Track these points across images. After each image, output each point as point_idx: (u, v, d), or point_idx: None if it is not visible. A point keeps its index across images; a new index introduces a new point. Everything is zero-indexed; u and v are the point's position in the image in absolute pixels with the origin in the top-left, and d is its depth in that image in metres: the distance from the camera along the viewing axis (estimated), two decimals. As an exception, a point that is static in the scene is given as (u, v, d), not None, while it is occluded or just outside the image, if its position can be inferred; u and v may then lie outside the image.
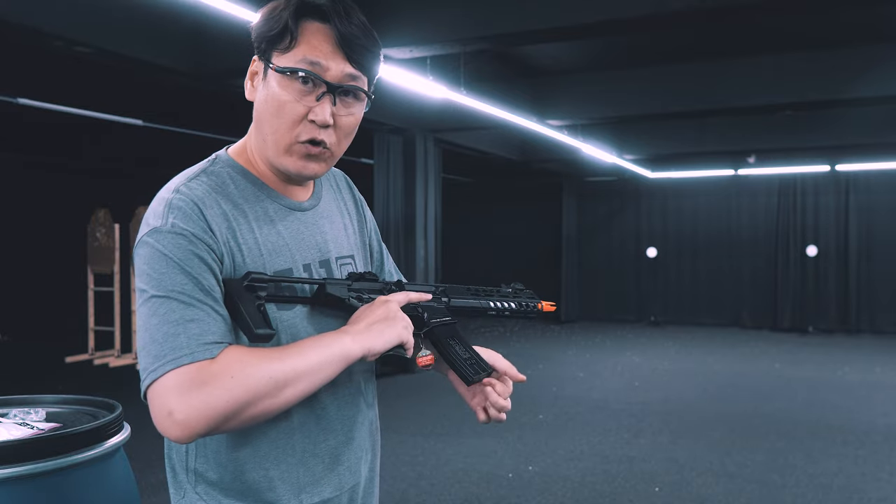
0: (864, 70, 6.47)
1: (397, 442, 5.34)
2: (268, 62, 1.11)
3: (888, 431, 5.66)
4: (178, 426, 0.96)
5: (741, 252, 12.50)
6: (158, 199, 1.09)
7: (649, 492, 4.34)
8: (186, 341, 0.98)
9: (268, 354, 1.02)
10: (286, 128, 1.11)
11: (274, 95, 1.10)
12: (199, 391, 0.96)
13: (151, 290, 1.01)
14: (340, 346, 1.07)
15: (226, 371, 0.98)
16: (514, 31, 4.71)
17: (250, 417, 1.00)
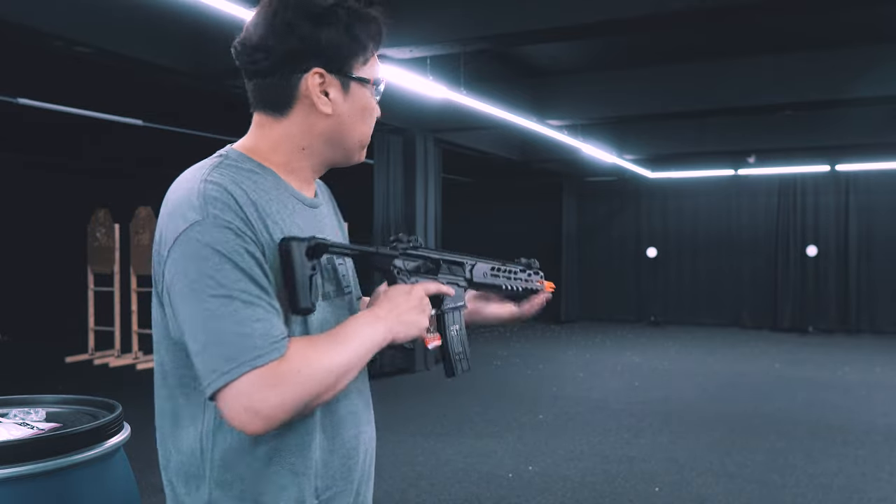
0: (864, 70, 6.47)
1: (397, 442, 5.34)
2: (347, 74, 1.18)
3: (888, 431, 5.66)
4: (263, 421, 1.00)
5: (741, 252, 12.51)
6: (188, 189, 1.08)
7: (649, 492, 4.34)
8: (257, 342, 1.00)
9: (324, 348, 1.07)
10: (368, 129, 1.23)
11: (366, 104, 1.21)
12: (276, 390, 1.00)
13: (209, 290, 1.01)
14: (378, 335, 1.13)
15: (296, 369, 1.02)
16: (514, 31, 4.71)
17: (316, 406, 1.08)
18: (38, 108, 6.35)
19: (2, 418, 1.80)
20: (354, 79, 1.18)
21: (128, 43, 4.70)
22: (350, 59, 1.17)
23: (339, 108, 1.18)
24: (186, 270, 1.03)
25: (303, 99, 1.17)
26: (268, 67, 1.17)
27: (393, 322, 1.15)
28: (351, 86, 1.18)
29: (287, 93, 1.17)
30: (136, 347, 8.66)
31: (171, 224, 1.06)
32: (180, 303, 1.04)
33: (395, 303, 1.18)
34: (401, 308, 1.17)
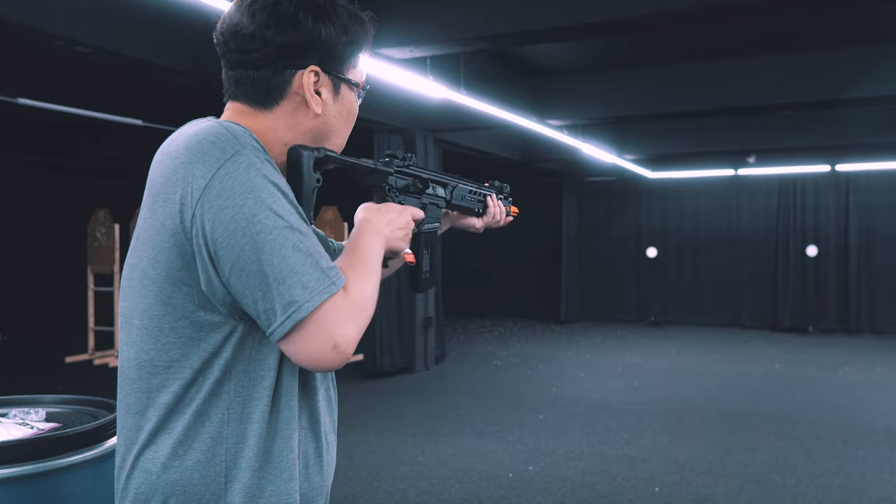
0: (864, 70, 6.47)
1: (397, 442, 5.34)
2: (339, 76, 1.17)
3: (888, 431, 5.66)
4: (341, 354, 0.99)
5: (741, 252, 12.50)
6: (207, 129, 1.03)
7: (649, 492, 4.34)
8: (326, 270, 0.99)
9: (364, 269, 1.08)
10: (349, 133, 1.24)
11: (351, 108, 1.22)
12: (353, 320, 1.00)
13: (270, 222, 0.96)
14: (382, 250, 1.17)
15: (360, 296, 1.03)
16: (514, 31, 4.71)
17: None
18: (38, 108, 6.35)
19: (2, 418, 1.80)
20: (345, 81, 1.18)
21: (128, 43, 4.70)
22: (344, 59, 1.17)
23: (329, 109, 1.17)
24: (239, 203, 0.96)
25: (293, 95, 1.13)
26: (260, 59, 1.11)
27: (388, 236, 1.20)
28: (341, 88, 1.18)
29: (278, 87, 1.12)
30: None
31: (199, 160, 0.99)
32: (236, 241, 0.96)
33: (389, 218, 1.21)
34: (393, 226, 1.21)
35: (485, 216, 1.60)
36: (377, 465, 4.80)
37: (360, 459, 4.92)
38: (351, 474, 4.62)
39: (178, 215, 1.00)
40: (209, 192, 0.97)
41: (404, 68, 5.13)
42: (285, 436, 1.07)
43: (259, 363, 1.04)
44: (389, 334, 8.05)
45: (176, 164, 1.01)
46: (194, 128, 1.05)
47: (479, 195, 1.56)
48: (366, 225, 1.18)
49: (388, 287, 8.05)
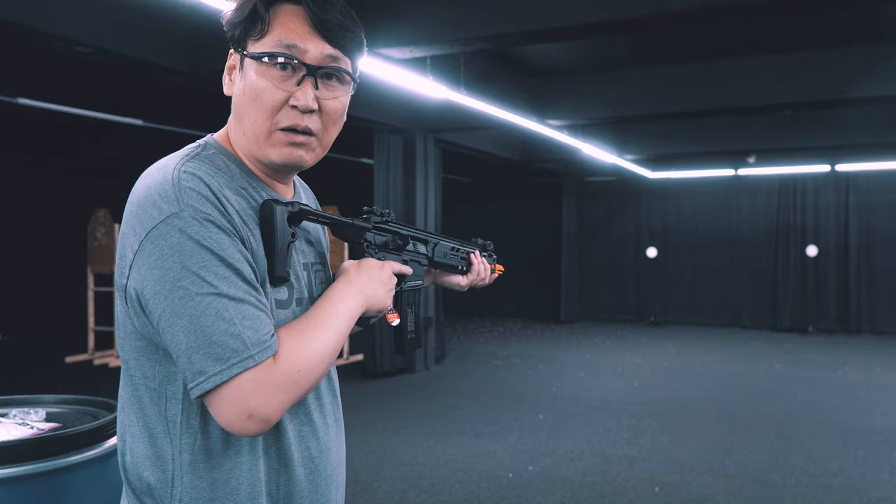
0: (864, 70, 6.47)
1: (397, 442, 5.34)
2: (243, 51, 1.08)
3: (888, 431, 5.66)
4: (260, 423, 0.96)
5: (741, 252, 12.51)
6: (160, 179, 1.00)
7: (649, 492, 4.34)
8: (248, 342, 0.94)
9: (312, 335, 1.03)
10: (265, 115, 1.06)
11: (251, 84, 1.06)
12: (275, 391, 0.96)
13: (194, 288, 0.93)
14: (357, 310, 1.11)
15: (295, 368, 0.98)
16: (514, 31, 4.71)
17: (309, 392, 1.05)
18: (38, 108, 6.35)
19: (2, 418, 1.80)
20: (244, 55, 1.08)
21: (128, 43, 4.70)
22: (245, 33, 1.08)
23: (235, 88, 1.10)
24: (166, 267, 0.95)
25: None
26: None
27: (369, 294, 1.14)
28: (245, 64, 1.08)
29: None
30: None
31: (142, 216, 0.98)
32: (159, 302, 0.95)
33: (369, 275, 1.16)
34: (374, 282, 1.16)
35: (469, 274, 1.53)
36: (377, 465, 4.80)
37: (360, 459, 4.92)
38: (351, 474, 4.62)
39: (119, 263, 1.02)
40: (142, 250, 0.97)
41: (404, 68, 5.13)
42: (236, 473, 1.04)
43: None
44: (389, 334, 8.05)
45: (127, 211, 1.02)
46: (150, 178, 1.02)
47: (461, 252, 1.51)
48: (343, 284, 1.12)
49: (388, 287, 8.04)
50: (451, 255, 1.47)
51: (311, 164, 1.12)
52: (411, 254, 1.33)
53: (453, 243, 1.48)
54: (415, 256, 1.35)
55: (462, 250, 1.51)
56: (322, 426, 1.16)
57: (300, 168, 1.12)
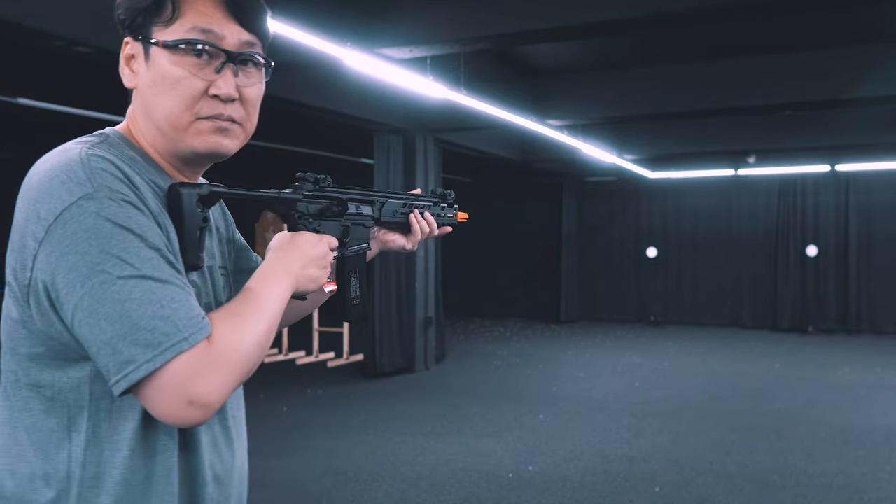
0: (864, 70, 6.47)
1: (397, 442, 5.34)
2: (148, 39, 1.00)
3: (888, 431, 5.66)
4: (202, 409, 0.89)
5: (741, 252, 12.51)
6: (65, 161, 0.92)
7: (649, 492, 4.34)
8: (180, 324, 0.88)
9: (247, 318, 0.97)
10: (183, 106, 1.00)
11: (165, 74, 0.99)
12: (214, 373, 0.90)
13: (116, 271, 0.86)
14: (287, 291, 1.05)
15: (232, 348, 0.93)
16: (514, 31, 4.71)
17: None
18: (38, 108, 6.35)
19: None
20: (152, 43, 0.99)
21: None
22: (148, 19, 1.00)
23: (141, 80, 1.02)
24: (81, 251, 0.87)
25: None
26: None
27: (298, 274, 1.07)
28: (151, 52, 1.00)
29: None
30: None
31: (46, 200, 0.89)
32: (75, 290, 0.87)
33: (301, 252, 1.09)
34: (306, 258, 1.09)
35: (411, 235, 1.41)
36: (377, 465, 4.80)
37: (360, 459, 4.92)
38: (351, 474, 4.62)
39: (17, 256, 0.93)
40: (51, 236, 0.88)
41: (404, 68, 5.13)
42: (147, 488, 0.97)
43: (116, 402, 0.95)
44: (389, 334, 8.05)
45: (25, 199, 0.93)
46: (50, 162, 0.94)
47: (419, 208, 1.43)
48: (271, 264, 1.06)
49: (388, 287, 8.05)
50: (401, 213, 1.38)
51: (234, 151, 1.07)
52: (354, 217, 1.26)
53: (405, 199, 1.39)
54: (358, 220, 1.27)
55: (418, 206, 1.42)
56: (225, 443, 1.11)
57: (224, 156, 1.06)
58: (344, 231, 1.23)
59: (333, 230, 1.20)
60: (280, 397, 6.78)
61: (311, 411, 6.29)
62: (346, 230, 1.24)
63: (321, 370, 8.29)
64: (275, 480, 4.50)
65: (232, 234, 1.26)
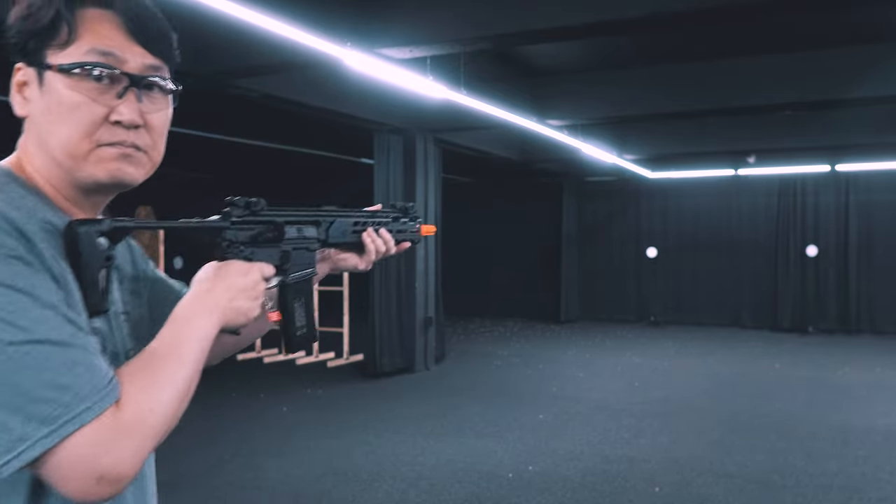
0: (864, 70, 6.47)
1: (397, 442, 5.34)
2: (42, 64, 0.91)
3: (888, 431, 5.66)
4: (113, 485, 0.81)
5: (741, 252, 12.51)
6: None
7: (649, 492, 4.34)
8: (82, 391, 0.79)
9: (162, 370, 0.88)
10: (82, 134, 0.91)
11: (61, 100, 0.90)
12: (125, 443, 0.81)
13: (6, 336, 0.77)
14: (212, 329, 0.96)
15: (146, 410, 0.84)
16: (514, 31, 4.71)
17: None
18: None
19: None
20: (45, 67, 0.91)
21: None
22: (39, 43, 0.91)
23: (34, 107, 0.93)
24: None
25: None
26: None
27: (226, 308, 0.98)
28: (45, 77, 0.91)
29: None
30: (136, 347, 8.67)
31: None
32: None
33: (228, 284, 0.99)
34: (231, 292, 0.99)
35: (365, 255, 1.31)
36: (377, 465, 4.80)
37: (360, 459, 4.92)
38: (351, 474, 4.62)
39: None
40: None
41: (404, 68, 5.13)
42: None
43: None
44: (389, 334, 8.05)
45: None
46: None
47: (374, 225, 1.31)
48: (193, 301, 0.96)
49: (388, 287, 8.05)
50: (353, 231, 1.28)
51: (140, 181, 0.98)
52: (295, 241, 1.15)
53: (357, 217, 1.28)
54: (300, 243, 1.16)
55: (373, 223, 1.31)
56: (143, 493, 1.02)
57: (128, 186, 0.96)
58: (283, 257, 1.13)
59: (270, 257, 1.10)
60: (280, 397, 6.78)
61: (311, 411, 6.29)
62: (287, 255, 1.13)
63: (321, 370, 8.29)
64: (275, 480, 4.50)
65: (141, 269, 1.14)
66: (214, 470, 4.68)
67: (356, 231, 1.28)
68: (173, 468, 4.68)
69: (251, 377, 7.79)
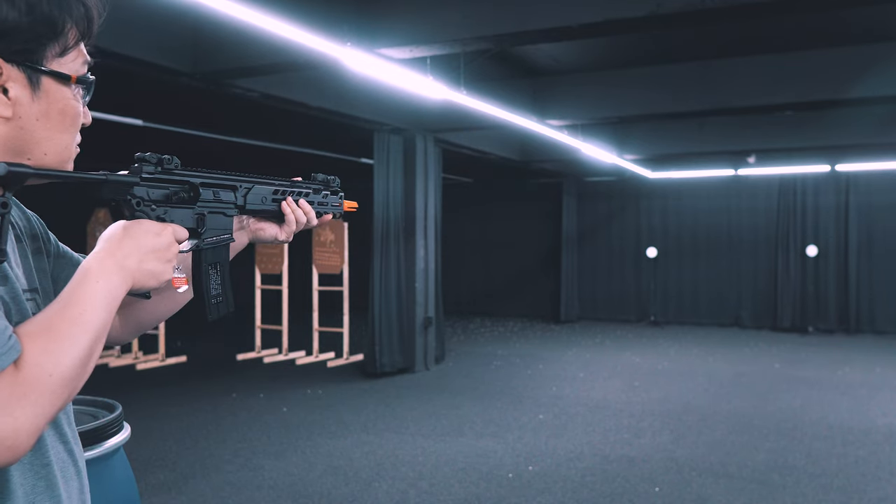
0: (864, 70, 6.47)
1: (397, 442, 5.34)
2: (39, 68, 0.89)
3: (888, 431, 5.66)
4: (8, 451, 0.76)
5: (741, 252, 12.51)
6: None
7: (649, 492, 4.34)
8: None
9: (66, 331, 0.82)
10: (71, 139, 0.94)
11: (65, 110, 0.92)
12: (23, 405, 0.76)
13: None
14: (118, 289, 0.90)
15: (46, 372, 0.79)
16: (514, 31, 4.71)
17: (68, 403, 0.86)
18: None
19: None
20: (47, 73, 0.90)
21: (128, 43, 4.70)
22: (38, 45, 0.89)
23: (24, 111, 0.89)
24: None
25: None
26: None
27: (134, 269, 0.92)
28: (42, 82, 0.90)
29: None
30: (136, 347, 8.67)
31: None
32: None
33: (138, 243, 0.94)
34: (144, 250, 0.94)
35: (284, 226, 1.26)
36: (377, 465, 4.80)
37: (360, 459, 4.92)
38: (351, 474, 4.62)
39: None
40: None
41: (404, 68, 5.13)
42: None
43: None
44: (389, 334, 8.05)
45: None
46: None
47: (294, 195, 1.27)
48: (99, 258, 0.91)
49: (388, 287, 8.05)
50: (272, 199, 1.23)
51: None
52: (210, 205, 1.10)
53: (276, 185, 1.24)
54: (217, 207, 1.11)
55: (293, 192, 1.27)
56: (62, 481, 0.95)
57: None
58: (198, 220, 1.08)
59: (184, 219, 1.05)
60: (280, 397, 6.78)
61: (311, 411, 6.29)
62: (202, 219, 1.08)
63: (321, 370, 8.29)
64: (275, 480, 4.50)
65: (41, 232, 1.09)
66: (214, 470, 4.68)
67: (276, 199, 1.23)
68: (173, 468, 4.68)
69: (251, 377, 7.79)
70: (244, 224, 1.25)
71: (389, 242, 8.05)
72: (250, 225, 1.26)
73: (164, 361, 8.40)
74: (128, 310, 1.14)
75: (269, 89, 5.96)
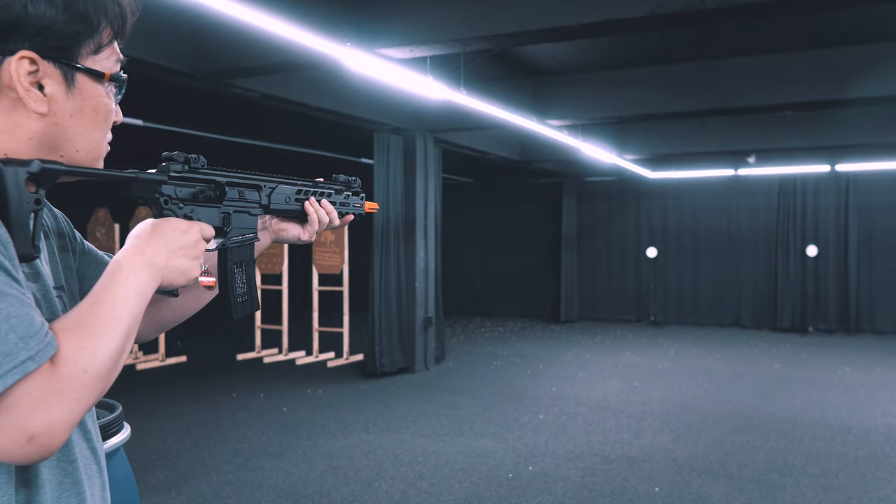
0: (864, 70, 6.47)
1: (397, 442, 5.34)
2: (73, 65, 0.90)
3: (888, 431, 5.66)
4: (43, 448, 0.77)
5: (741, 252, 12.51)
6: None
7: (649, 492, 4.34)
8: (19, 343, 0.75)
9: (99, 326, 0.83)
10: (103, 137, 0.96)
11: (98, 107, 0.94)
12: (59, 402, 0.77)
13: None
14: (148, 286, 0.91)
15: (81, 368, 0.80)
16: (514, 31, 4.71)
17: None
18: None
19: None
20: (82, 70, 0.91)
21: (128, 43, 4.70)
22: (73, 42, 0.89)
23: (59, 107, 0.90)
24: None
25: (6, 90, 0.87)
26: None
27: (163, 266, 0.94)
28: (77, 79, 0.91)
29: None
30: (136, 347, 8.67)
31: None
32: None
33: (166, 241, 0.95)
34: (173, 247, 0.95)
35: (307, 225, 1.27)
36: (377, 465, 4.80)
37: (360, 459, 4.92)
38: (351, 474, 4.62)
39: None
40: None
41: (404, 68, 5.13)
42: None
43: None
44: (389, 334, 8.05)
45: None
46: None
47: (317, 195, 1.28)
48: (129, 255, 0.92)
49: (388, 287, 8.05)
50: (295, 199, 1.24)
51: None
52: (235, 204, 1.11)
53: (299, 185, 1.25)
54: (242, 206, 1.13)
55: (316, 192, 1.28)
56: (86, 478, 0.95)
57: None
58: (224, 219, 1.09)
59: (210, 217, 1.06)
60: (280, 397, 6.78)
61: (311, 411, 6.29)
62: (227, 218, 1.10)
63: (321, 370, 8.29)
64: (275, 480, 4.50)
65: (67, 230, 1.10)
66: (214, 470, 4.68)
67: (299, 199, 1.24)
68: (173, 468, 4.68)
69: (251, 377, 7.79)
70: (267, 224, 1.25)
71: (389, 242, 8.05)
72: (273, 225, 1.26)
73: (164, 361, 8.40)
74: (153, 308, 1.15)
75: (269, 89, 5.96)
